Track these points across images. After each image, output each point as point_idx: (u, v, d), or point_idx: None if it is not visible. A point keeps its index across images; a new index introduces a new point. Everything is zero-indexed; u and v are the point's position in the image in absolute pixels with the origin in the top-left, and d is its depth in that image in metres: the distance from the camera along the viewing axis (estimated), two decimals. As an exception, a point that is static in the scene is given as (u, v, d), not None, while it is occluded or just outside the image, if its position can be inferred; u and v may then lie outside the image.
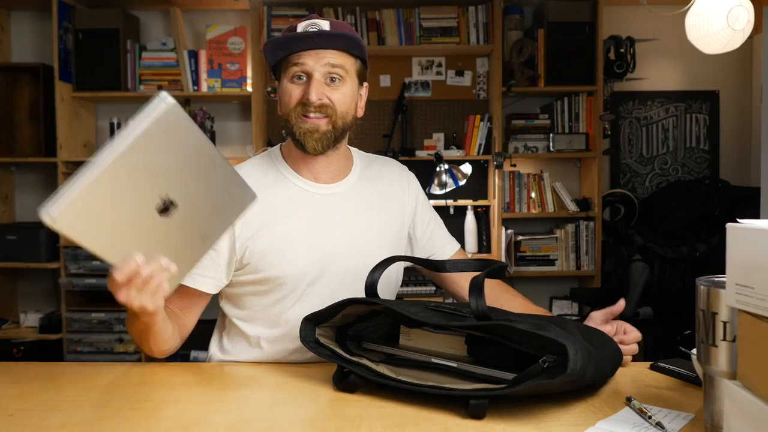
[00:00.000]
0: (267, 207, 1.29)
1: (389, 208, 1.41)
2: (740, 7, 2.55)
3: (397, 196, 1.43)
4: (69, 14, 3.45)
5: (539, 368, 0.92)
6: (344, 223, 1.34)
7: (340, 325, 1.14)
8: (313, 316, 1.11)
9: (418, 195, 1.48)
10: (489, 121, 3.57)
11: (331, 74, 1.28)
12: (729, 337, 0.81)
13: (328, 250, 1.31)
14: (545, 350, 0.94)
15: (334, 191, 1.36)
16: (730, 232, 0.75)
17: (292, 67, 1.28)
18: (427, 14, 3.54)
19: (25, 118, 3.57)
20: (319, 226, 1.32)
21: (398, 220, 1.42)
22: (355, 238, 1.33)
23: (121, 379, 1.15)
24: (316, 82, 1.26)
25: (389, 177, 1.45)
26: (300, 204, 1.33)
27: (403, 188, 1.45)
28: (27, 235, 3.42)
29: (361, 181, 1.40)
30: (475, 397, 0.92)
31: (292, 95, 1.28)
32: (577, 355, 0.90)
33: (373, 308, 1.11)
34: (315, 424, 0.93)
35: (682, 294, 3.28)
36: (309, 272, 1.30)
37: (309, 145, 1.28)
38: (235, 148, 3.72)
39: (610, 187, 3.83)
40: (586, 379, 0.97)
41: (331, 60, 1.27)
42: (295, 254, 1.29)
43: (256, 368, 1.23)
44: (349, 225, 1.34)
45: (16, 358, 3.28)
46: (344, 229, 1.33)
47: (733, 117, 3.85)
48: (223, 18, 3.68)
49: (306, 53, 1.27)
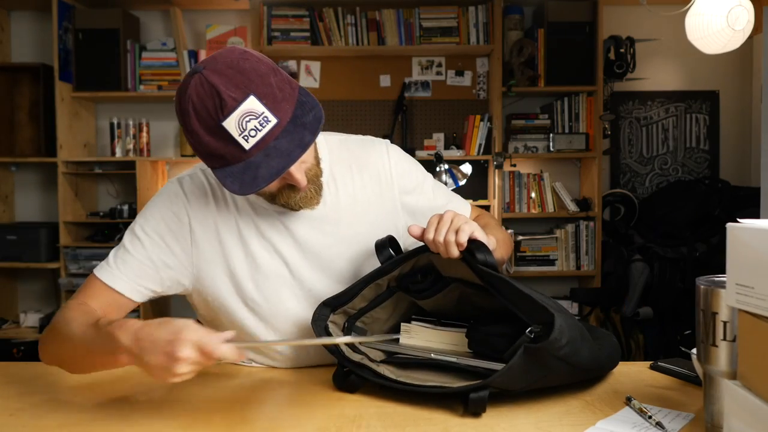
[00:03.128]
0: (226, 227, 1.17)
1: (373, 191, 1.25)
2: (740, 7, 2.55)
3: (379, 179, 1.26)
4: (69, 14, 3.45)
5: (526, 339, 0.93)
6: (317, 241, 1.18)
7: (351, 314, 1.13)
8: (330, 301, 1.09)
9: (396, 164, 1.29)
10: (489, 121, 3.57)
11: None
12: (729, 337, 0.81)
13: (296, 271, 1.18)
14: (534, 319, 0.95)
15: (303, 214, 1.17)
16: (730, 232, 0.75)
17: None
18: (427, 14, 3.54)
19: (25, 118, 3.57)
20: (285, 247, 1.17)
21: (386, 207, 1.26)
22: (329, 254, 1.19)
23: (121, 379, 1.14)
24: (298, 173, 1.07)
25: (367, 161, 1.27)
26: (263, 224, 1.18)
27: (383, 166, 1.27)
28: (27, 235, 3.43)
29: (332, 181, 1.21)
30: (475, 390, 0.92)
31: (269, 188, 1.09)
32: (564, 326, 0.90)
33: (388, 278, 1.11)
34: (315, 424, 0.93)
35: (682, 294, 3.28)
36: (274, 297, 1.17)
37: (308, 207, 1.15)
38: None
39: (610, 187, 3.83)
40: (582, 362, 0.97)
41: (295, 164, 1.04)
42: (258, 282, 1.17)
43: (256, 368, 1.23)
44: (325, 240, 1.18)
45: (16, 358, 3.28)
46: (318, 247, 1.18)
47: (733, 117, 3.85)
48: (223, 18, 3.68)
49: None
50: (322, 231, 1.19)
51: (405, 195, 1.28)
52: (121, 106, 3.74)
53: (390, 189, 1.27)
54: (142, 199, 3.43)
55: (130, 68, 3.52)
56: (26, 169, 3.72)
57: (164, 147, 3.76)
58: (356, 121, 3.70)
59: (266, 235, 1.17)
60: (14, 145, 3.58)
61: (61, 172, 3.40)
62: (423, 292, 1.12)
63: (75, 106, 3.54)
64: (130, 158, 3.51)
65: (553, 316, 0.90)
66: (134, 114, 3.65)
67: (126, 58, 3.50)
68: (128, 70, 3.52)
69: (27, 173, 3.74)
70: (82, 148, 3.61)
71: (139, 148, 3.59)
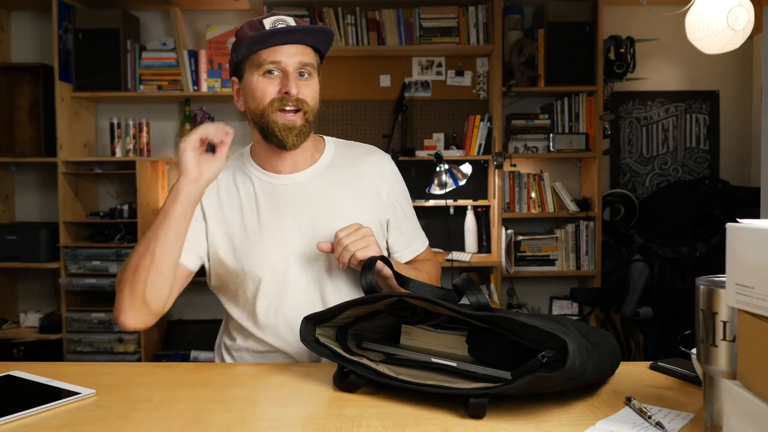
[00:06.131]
0: (230, 204, 1.36)
1: (363, 191, 1.40)
2: (740, 7, 2.55)
3: (373, 181, 1.42)
4: (69, 14, 3.45)
5: (538, 363, 0.92)
6: (306, 210, 1.35)
7: (340, 325, 1.14)
8: (313, 316, 1.11)
9: (393, 185, 1.45)
10: (489, 121, 3.57)
11: (303, 69, 1.30)
12: (729, 337, 0.81)
13: (288, 237, 1.33)
14: (545, 345, 0.94)
15: (296, 180, 1.37)
16: (730, 232, 0.75)
17: (265, 63, 1.28)
18: (427, 14, 3.54)
19: (25, 118, 3.57)
20: (284, 217, 1.34)
21: (374, 204, 1.41)
22: (317, 223, 1.34)
23: (121, 379, 1.15)
24: (293, 77, 1.28)
25: (365, 162, 1.43)
26: (261, 197, 1.36)
27: (379, 174, 1.43)
28: (27, 235, 3.43)
29: (330, 169, 1.40)
30: (475, 396, 0.92)
31: (266, 91, 1.29)
32: (576, 351, 0.90)
33: (375, 308, 1.11)
34: (315, 424, 0.93)
35: (682, 294, 3.28)
36: (270, 261, 1.32)
37: (289, 142, 1.30)
38: (234, 148, 3.68)
39: (610, 187, 3.83)
40: (586, 378, 0.97)
41: (303, 56, 1.29)
42: (254, 246, 1.33)
43: (256, 368, 1.23)
44: (312, 211, 1.35)
45: (16, 358, 3.28)
46: (306, 216, 1.34)
47: (733, 117, 3.85)
48: (223, 18, 3.68)
49: (279, 49, 1.27)
50: (293, 206, 1.35)
51: (389, 215, 1.43)
52: (121, 106, 3.74)
53: (378, 195, 1.42)
54: (142, 199, 3.43)
55: (130, 68, 3.52)
56: (26, 169, 3.72)
57: (164, 147, 3.76)
58: (356, 121, 3.69)
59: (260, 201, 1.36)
60: (14, 145, 3.58)
61: (61, 172, 3.40)
62: (411, 319, 1.13)
63: (75, 106, 3.54)
64: (130, 158, 3.51)
65: (564, 341, 0.90)
66: (134, 114, 3.65)
67: (126, 58, 3.50)
68: (128, 70, 3.52)
69: (27, 173, 3.74)
70: (82, 148, 3.61)
71: (139, 148, 3.59)
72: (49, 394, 1.03)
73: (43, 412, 0.97)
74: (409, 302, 1.07)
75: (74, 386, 1.06)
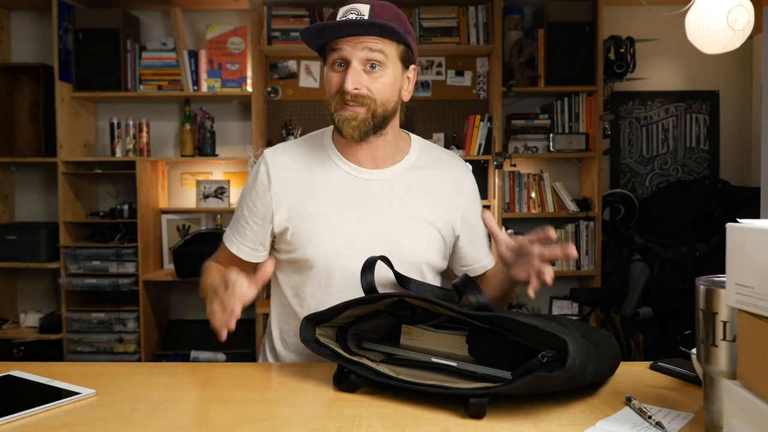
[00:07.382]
0: (305, 186, 1.33)
1: (440, 202, 1.38)
2: (740, 7, 2.55)
3: (452, 193, 1.40)
4: (69, 14, 3.45)
5: (538, 363, 0.92)
6: (381, 209, 1.32)
7: (340, 325, 1.14)
8: (312, 316, 1.11)
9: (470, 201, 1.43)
10: (489, 121, 3.57)
11: (370, 60, 1.25)
12: (729, 337, 0.81)
13: (357, 234, 1.30)
14: (545, 345, 0.94)
15: (377, 177, 1.35)
16: (730, 232, 0.75)
17: (332, 54, 1.27)
18: (427, 14, 3.54)
19: (25, 118, 3.57)
20: (353, 210, 1.32)
21: (448, 217, 1.38)
22: (389, 224, 1.32)
23: (121, 379, 1.15)
24: (353, 71, 1.24)
25: (446, 172, 1.41)
26: (339, 186, 1.33)
27: (459, 186, 1.42)
28: (27, 235, 3.43)
29: (413, 171, 1.38)
30: (475, 396, 0.92)
31: (332, 83, 1.28)
32: (576, 351, 0.90)
33: (375, 308, 1.11)
34: (315, 424, 0.93)
35: (682, 294, 3.28)
36: (333, 254, 1.30)
37: (346, 133, 1.27)
38: (235, 148, 3.72)
39: (610, 187, 3.83)
40: (586, 378, 0.97)
41: (370, 45, 1.24)
42: (321, 235, 1.30)
43: (256, 368, 1.23)
44: (386, 211, 1.32)
45: (16, 358, 3.28)
46: (381, 215, 1.32)
47: (733, 117, 3.85)
48: (223, 18, 3.68)
49: (344, 40, 1.24)
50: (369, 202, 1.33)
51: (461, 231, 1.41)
52: (121, 106, 3.74)
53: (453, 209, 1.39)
54: (142, 199, 3.43)
55: (130, 68, 3.52)
56: (26, 169, 3.72)
57: (164, 147, 3.76)
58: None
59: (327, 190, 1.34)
60: (14, 145, 3.58)
61: (61, 172, 3.40)
62: (411, 319, 1.13)
63: (75, 106, 3.54)
64: (130, 158, 3.51)
65: (564, 341, 0.90)
66: (134, 114, 3.64)
67: (126, 58, 3.50)
68: (128, 70, 3.52)
69: (27, 173, 3.74)
70: (82, 148, 3.61)
71: (139, 148, 3.59)
72: (49, 394, 1.03)
73: (43, 412, 0.97)
74: (409, 302, 1.07)
75: (74, 386, 1.06)
